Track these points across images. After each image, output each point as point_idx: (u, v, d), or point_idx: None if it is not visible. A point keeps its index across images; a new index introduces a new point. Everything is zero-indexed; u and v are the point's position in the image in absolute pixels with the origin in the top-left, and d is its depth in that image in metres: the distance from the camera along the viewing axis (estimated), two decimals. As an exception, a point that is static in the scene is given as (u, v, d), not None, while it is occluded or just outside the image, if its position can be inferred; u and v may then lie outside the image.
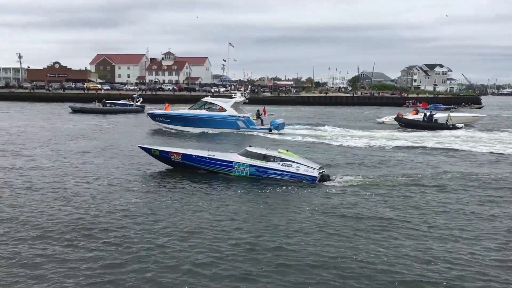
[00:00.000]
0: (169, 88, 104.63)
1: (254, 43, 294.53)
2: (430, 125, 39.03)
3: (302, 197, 15.13)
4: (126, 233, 11.50)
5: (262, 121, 36.10)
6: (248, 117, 35.45)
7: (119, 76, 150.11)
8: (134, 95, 62.02)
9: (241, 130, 34.61)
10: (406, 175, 18.91)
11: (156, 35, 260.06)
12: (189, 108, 37.70)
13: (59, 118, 46.59)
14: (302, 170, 16.82)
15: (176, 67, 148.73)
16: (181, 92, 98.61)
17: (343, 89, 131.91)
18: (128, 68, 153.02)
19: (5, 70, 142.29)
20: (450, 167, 21.17)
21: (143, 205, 13.97)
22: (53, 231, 11.59)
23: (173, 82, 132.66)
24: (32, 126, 37.36)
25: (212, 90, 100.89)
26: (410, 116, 43.97)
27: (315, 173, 16.69)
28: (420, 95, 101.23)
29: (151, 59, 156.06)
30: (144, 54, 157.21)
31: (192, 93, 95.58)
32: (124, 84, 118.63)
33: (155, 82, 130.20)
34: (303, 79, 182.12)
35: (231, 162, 17.63)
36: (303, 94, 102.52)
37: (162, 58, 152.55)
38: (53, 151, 24.14)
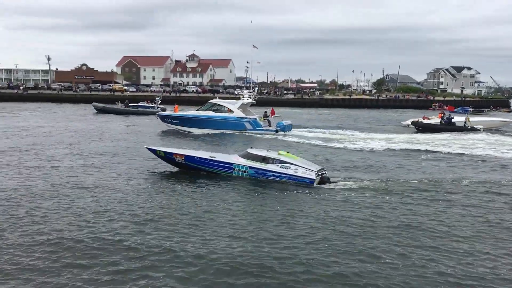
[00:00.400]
0: (193, 90, 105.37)
1: (278, 45, 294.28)
2: (447, 127, 38.67)
3: (296, 200, 15.12)
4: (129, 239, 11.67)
5: (269, 122, 36.29)
6: (255, 119, 35.71)
7: (144, 78, 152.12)
8: (156, 98, 62.64)
9: (248, 131, 35.02)
10: (418, 179, 18.54)
11: (181, 37, 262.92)
12: (197, 110, 38.31)
13: (83, 119, 47.57)
14: (300, 173, 16.87)
15: (200, 69, 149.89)
16: (205, 94, 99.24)
17: (367, 92, 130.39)
18: (153, 70, 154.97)
19: (35, 71, 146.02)
20: (471, 173, 20.66)
21: (145, 208, 14.14)
22: (62, 233, 11.85)
23: (197, 84, 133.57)
24: (56, 127, 38.29)
25: (236, 92, 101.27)
26: (426, 120, 43.55)
27: (313, 176, 16.66)
28: (447, 98, 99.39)
29: (175, 61, 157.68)
30: (169, 56, 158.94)
31: (216, 95, 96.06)
32: (149, 86, 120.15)
33: (180, 84, 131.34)
34: (327, 81, 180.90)
35: (231, 164, 17.93)
36: (327, 96, 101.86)
37: (187, 60, 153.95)
38: (72, 151, 24.81)
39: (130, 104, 58.58)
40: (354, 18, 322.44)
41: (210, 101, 39.36)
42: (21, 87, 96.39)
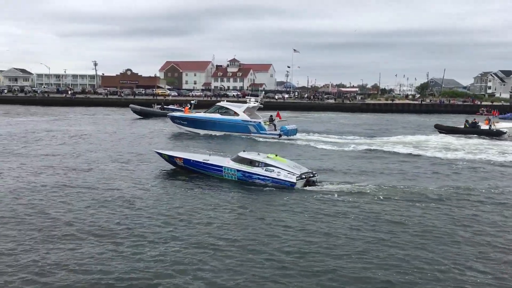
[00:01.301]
0: (233, 95, 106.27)
1: (319, 49, 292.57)
2: (471, 130, 39.44)
3: (274, 202, 15.50)
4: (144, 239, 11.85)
5: (275, 126, 36.59)
6: (259, 122, 36.25)
7: (186, 82, 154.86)
8: (191, 101, 63.32)
9: (252, 134, 35.64)
10: (397, 184, 18.16)
11: (222, 42, 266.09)
12: (204, 112, 39.35)
13: (124, 123, 48.91)
14: (282, 176, 17.28)
15: (240, 74, 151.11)
16: (245, 98, 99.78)
17: (410, 96, 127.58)
18: (195, 75, 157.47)
19: (82, 76, 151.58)
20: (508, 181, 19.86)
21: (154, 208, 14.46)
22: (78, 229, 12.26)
23: (238, 88, 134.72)
24: (97, 130, 39.64)
25: (276, 97, 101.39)
26: (451, 124, 44.81)
27: (293, 179, 17.04)
28: (494, 103, 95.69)
29: (216, 65, 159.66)
30: (210, 61, 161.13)
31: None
32: (190, 90, 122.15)
33: (220, 89, 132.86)
34: (369, 85, 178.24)
35: (221, 167, 18.67)
36: (368, 101, 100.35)
37: (228, 65, 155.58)
38: (105, 154, 25.78)
39: (165, 107, 61.64)
40: (397, 21, 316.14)
41: (217, 103, 40.44)
42: (69, 92, 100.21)
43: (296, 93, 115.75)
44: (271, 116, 38.05)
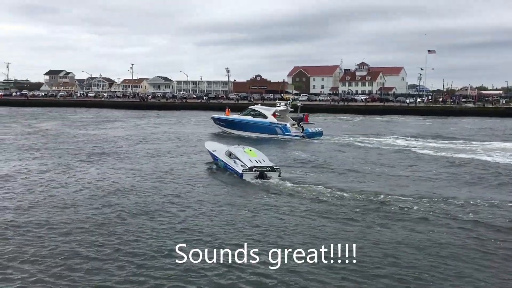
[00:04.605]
0: (361, 99, 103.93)
1: (457, 49, 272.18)
2: None
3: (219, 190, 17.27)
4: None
5: (302, 128, 38.76)
6: (285, 125, 38.77)
7: (314, 87, 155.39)
8: (298, 104, 62.54)
9: (278, 136, 38.33)
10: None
11: (350, 46, 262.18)
12: (238, 114, 42.62)
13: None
14: (237, 167, 19.60)
15: (369, 78, 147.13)
16: (374, 102, 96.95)
17: None
18: (322, 79, 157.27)
19: (216, 83, 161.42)
20: None
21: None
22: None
23: (366, 92, 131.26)
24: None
25: (407, 101, 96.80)
26: None
27: (239, 170, 19.24)
28: None
29: (344, 70, 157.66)
30: (338, 66, 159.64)
31: (386, 103, 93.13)
32: (317, 95, 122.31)
33: (348, 93, 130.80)
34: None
35: (217, 157, 22.14)
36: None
37: (356, 69, 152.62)
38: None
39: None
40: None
41: (250, 107, 43.62)
42: (204, 97, 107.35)
43: (430, 97, 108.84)
44: (301, 118, 40.96)
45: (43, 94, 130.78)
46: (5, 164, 22.50)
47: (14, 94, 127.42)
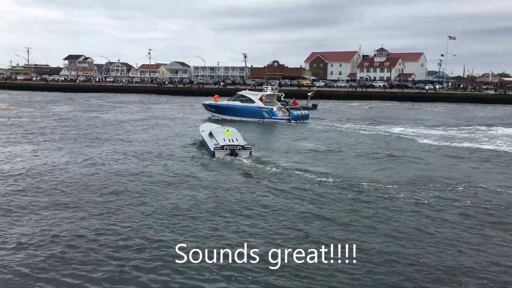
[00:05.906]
0: (380, 85, 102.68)
1: (478, 35, 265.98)
2: None
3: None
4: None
5: (289, 112, 40.66)
6: (272, 109, 40.54)
7: (331, 73, 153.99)
8: (308, 93, 61.63)
9: (265, 119, 40.04)
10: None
11: (369, 31, 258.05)
12: (228, 100, 43.93)
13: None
14: (211, 145, 21.26)
15: (388, 64, 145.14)
16: (392, 89, 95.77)
17: None
18: (340, 65, 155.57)
19: (233, 68, 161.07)
20: None
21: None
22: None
23: (384, 79, 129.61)
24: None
25: (426, 87, 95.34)
26: None
27: (211, 147, 20.93)
28: None
29: (363, 56, 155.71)
30: (356, 51, 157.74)
31: (404, 90, 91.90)
32: (335, 81, 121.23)
33: (366, 79, 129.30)
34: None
35: (203, 137, 23.78)
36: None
37: (375, 55, 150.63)
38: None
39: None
40: None
41: (238, 92, 45.32)
42: (221, 83, 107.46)
43: (450, 84, 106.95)
44: (287, 102, 43.76)
45: (63, 79, 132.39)
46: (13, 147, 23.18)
47: (34, 79, 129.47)
